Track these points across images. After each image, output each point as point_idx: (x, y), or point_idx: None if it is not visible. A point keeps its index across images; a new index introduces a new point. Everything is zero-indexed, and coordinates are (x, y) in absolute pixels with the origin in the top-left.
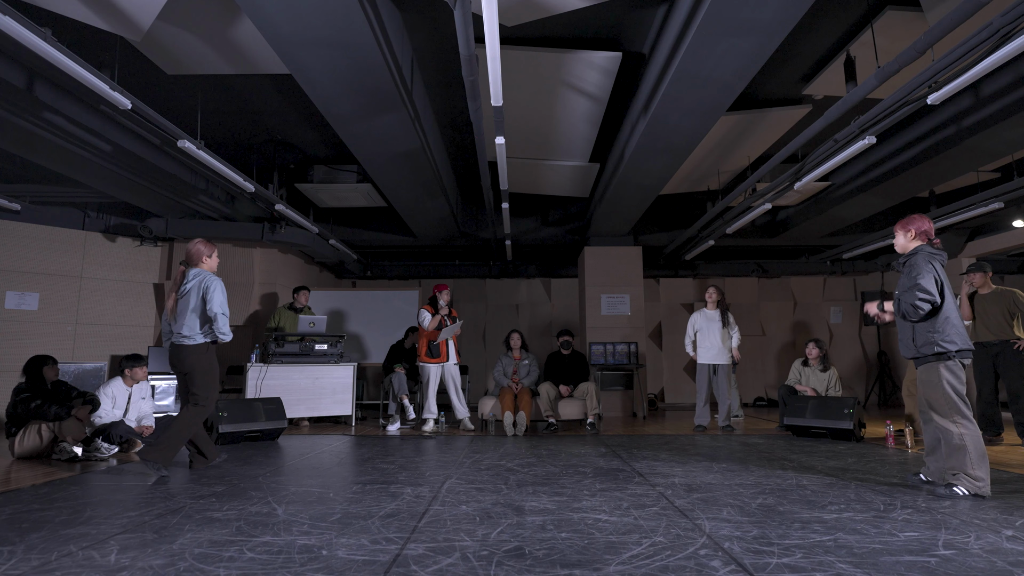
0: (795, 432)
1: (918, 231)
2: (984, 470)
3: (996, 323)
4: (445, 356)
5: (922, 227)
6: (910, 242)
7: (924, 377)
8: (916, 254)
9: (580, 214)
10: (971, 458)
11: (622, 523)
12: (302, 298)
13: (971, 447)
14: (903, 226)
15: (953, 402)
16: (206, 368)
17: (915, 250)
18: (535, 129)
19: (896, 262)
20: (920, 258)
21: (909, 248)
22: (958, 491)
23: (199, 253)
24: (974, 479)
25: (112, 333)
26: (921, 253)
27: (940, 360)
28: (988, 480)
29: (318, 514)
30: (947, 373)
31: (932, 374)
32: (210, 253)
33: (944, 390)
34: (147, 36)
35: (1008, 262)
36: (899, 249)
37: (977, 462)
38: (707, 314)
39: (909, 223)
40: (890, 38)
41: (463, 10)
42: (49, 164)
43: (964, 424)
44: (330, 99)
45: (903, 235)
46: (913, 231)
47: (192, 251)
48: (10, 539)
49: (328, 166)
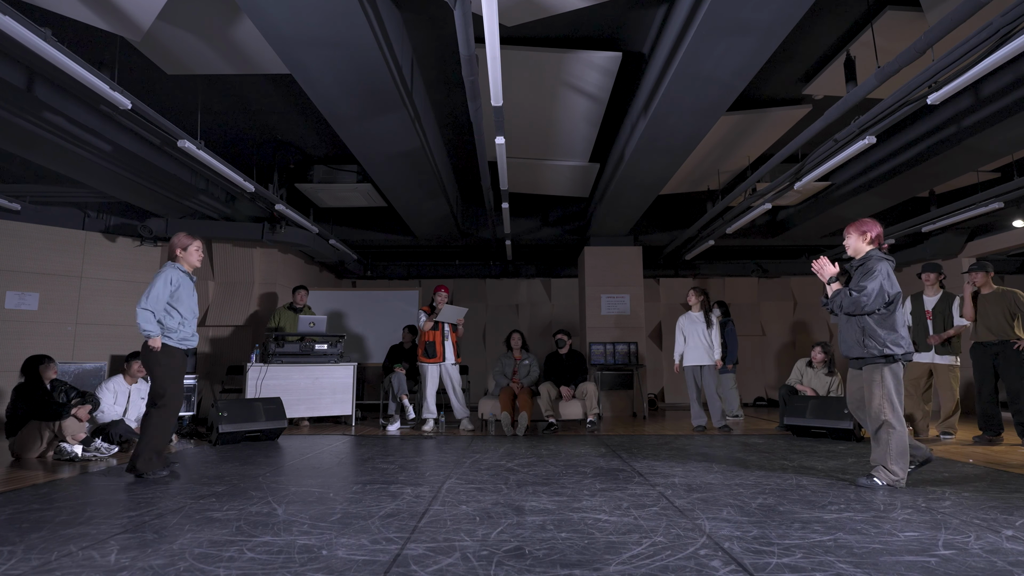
0: (795, 432)
1: (873, 236)
2: (902, 467)
3: (997, 323)
4: (441, 356)
5: (877, 232)
6: (865, 245)
7: (867, 376)
8: (871, 258)
9: (580, 214)
10: (891, 454)
11: (622, 523)
12: (300, 297)
13: (894, 445)
14: (859, 229)
15: (889, 403)
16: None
17: (869, 254)
18: (535, 129)
19: (849, 264)
20: (876, 264)
21: (862, 251)
22: (876, 482)
23: (171, 247)
24: (891, 472)
25: (112, 333)
26: (875, 258)
27: (887, 362)
28: (904, 476)
29: (318, 514)
30: (889, 375)
31: (875, 374)
32: (184, 246)
33: (885, 390)
34: (147, 36)
35: (1008, 262)
36: (851, 252)
37: (896, 458)
38: (691, 316)
39: (865, 227)
40: (890, 38)
41: (463, 10)
42: (49, 164)
43: (892, 424)
44: (330, 99)
45: (859, 238)
46: (869, 235)
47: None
48: (10, 539)
49: (328, 166)
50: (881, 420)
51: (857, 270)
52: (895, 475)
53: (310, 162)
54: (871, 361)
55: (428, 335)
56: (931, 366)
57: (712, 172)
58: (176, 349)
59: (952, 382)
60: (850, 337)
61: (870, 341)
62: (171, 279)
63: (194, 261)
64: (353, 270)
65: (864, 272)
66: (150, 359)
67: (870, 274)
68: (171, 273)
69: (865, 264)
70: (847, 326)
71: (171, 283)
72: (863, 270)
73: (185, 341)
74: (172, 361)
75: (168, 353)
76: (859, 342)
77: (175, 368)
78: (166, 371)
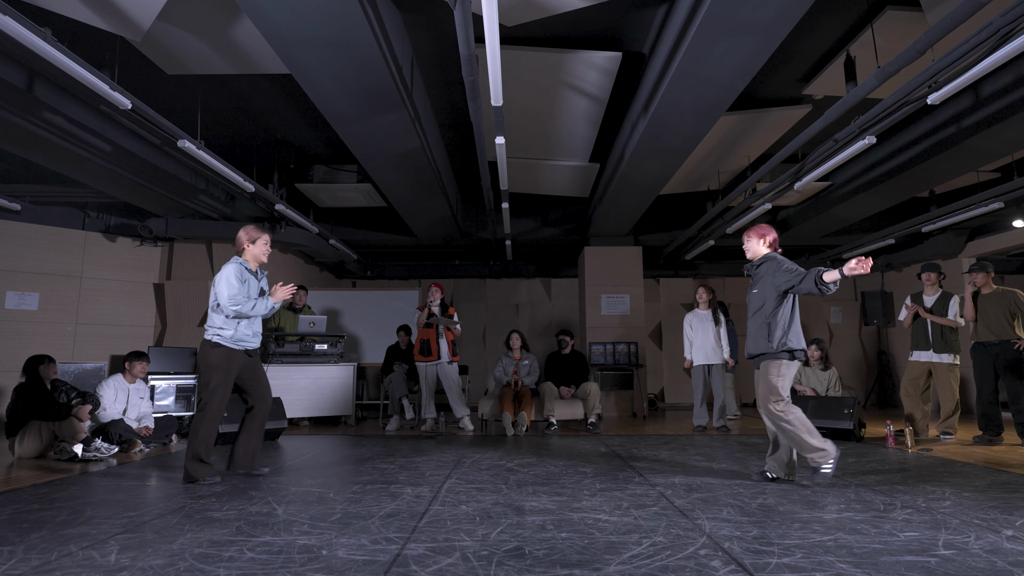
0: None
1: (771, 240)
2: (818, 439)
3: (997, 323)
4: (436, 354)
5: (774, 236)
6: (763, 248)
7: (765, 370)
8: (773, 260)
9: (580, 214)
10: (805, 435)
11: (622, 523)
12: (299, 298)
13: (799, 425)
14: (759, 234)
15: (776, 392)
16: (204, 368)
17: (767, 256)
18: (535, 129)
19: (747, 266)
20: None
21: (760, 254)
22: (825, 470)
23: (238, 241)
24: (818, 449)
25: (112, 333)
26: (777, 260)
27: (788, 358)
28: (826, 443)
29: (318, 514)
30: (786, 368)
31: (772, 367)
32: (253, 239)
33: (775, 384)
34: (147, 36)
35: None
36: (751, 255)
37: (810, 434)
38: (699, 314)
39: (765, 231)
40: (890, 38)
41: (463, 10)
42: (49, 164)
43: (789, 411)
44: (330, 99)
45: (759, 242)
46: (767, 239)
47: (236, 238)
48: (10, 539)
49: (328, 166)
50: (777, 412)
51: (757, 270)
52: (822, 448)
53: (310, 162)
54: (776, 356)
55: (423, 333)
56: (931, 365)
57: (712, 172)
58: (229, 350)
59: (952, 381)
60: (758, 335)
61: (777, 334)
62: (235, 275)
63: (261, 256)
64: (353, 270)
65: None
66: (203, 359)
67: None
68: (233, 269)
69: (771, 262)
70: (755, 322)
71: (236, 278)
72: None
73: (241, 342)
74: (222, 362)
75: (218, 353)
76: (765, 338)
77: (224, 370)
78: (212, 371)
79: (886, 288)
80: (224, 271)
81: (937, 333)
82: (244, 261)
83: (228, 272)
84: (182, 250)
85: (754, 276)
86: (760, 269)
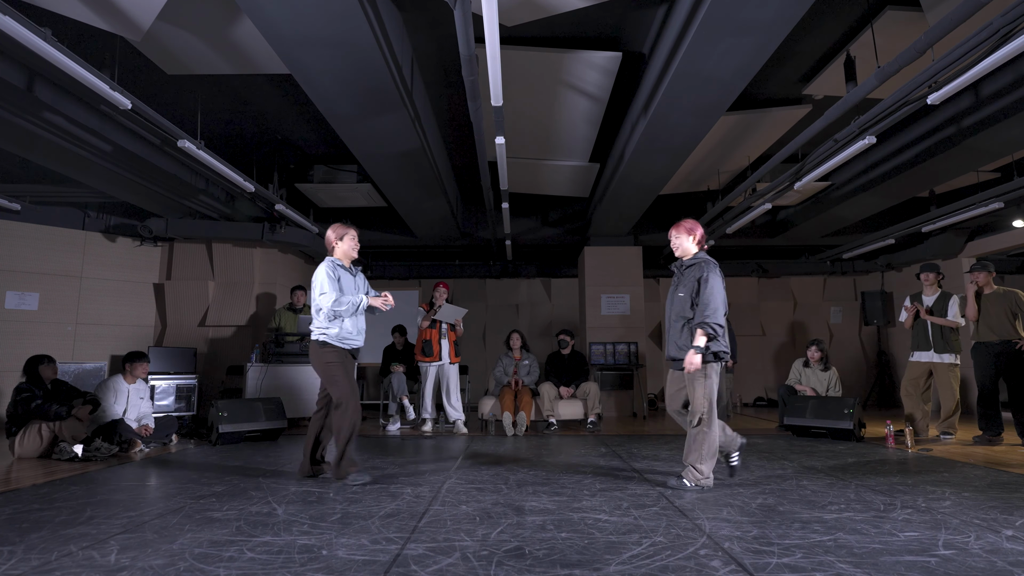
0: (795, 432)
1: (700, 236)
2: (709, 466)
3: (999, 323)
4: (438, 355)
5: (702, 232)
6: (693, 246)
7: (692, 376)
8: (706, 263)
9: (580, 214)
10: (703, 455)
11: (622, 523)
12: (299, 298)
13: (706, 447)
14: (688, 230)
15: (709, 401)
16: (322, 367)
17: (696, 257)
18: (535, 129)
19: (675, 265)
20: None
21: (691, 252)
22: (685, 483)
23: (327, 241)
24: (699, 472)
25: (112, 333)
26: (708, 263)
27: (715, 360)
28: (711, 476)
29: (318, 514)
30: (712, 373)
31: (699, 373)
32: (341, 236)
33: (708, 388)
34: (147, 36)
35: (1008, 262)
36: (680, 253)
37: (706, 458)
38: None
39: (693, 228)
40: (890, 38)
41: (463, 10)
42: (49, 164)
43: (708, 424)
44: (330, 99)
45: (688, 239)
46: (696, 235)
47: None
48: (10, 539)
49: (328, 166)
50: (700, 417)
51: (687, 271)
52: (703, 475)
53: (310, 162)
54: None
55: (425, 333)
56: (931, 366)
57: (712, 172)
58: (338, 348)
59: (952, 381)
60: (680, 339)
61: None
62: (326, 274)
63: (351, 251)
64: None
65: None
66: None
67: (706, 282)
68: (324, 268)
69: (696, 268)
70: (676, 329)
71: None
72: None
73: (347, 340)
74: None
75: (328, 351)
76: (688, 343)
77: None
78: (330, 367)
79: (886, 288)
80: (317, 272)
81: (937, 333)
82: (336, 260)
83: (319, 272)
84: (182, 250)
85: (680, 277)
86: (688, 272)
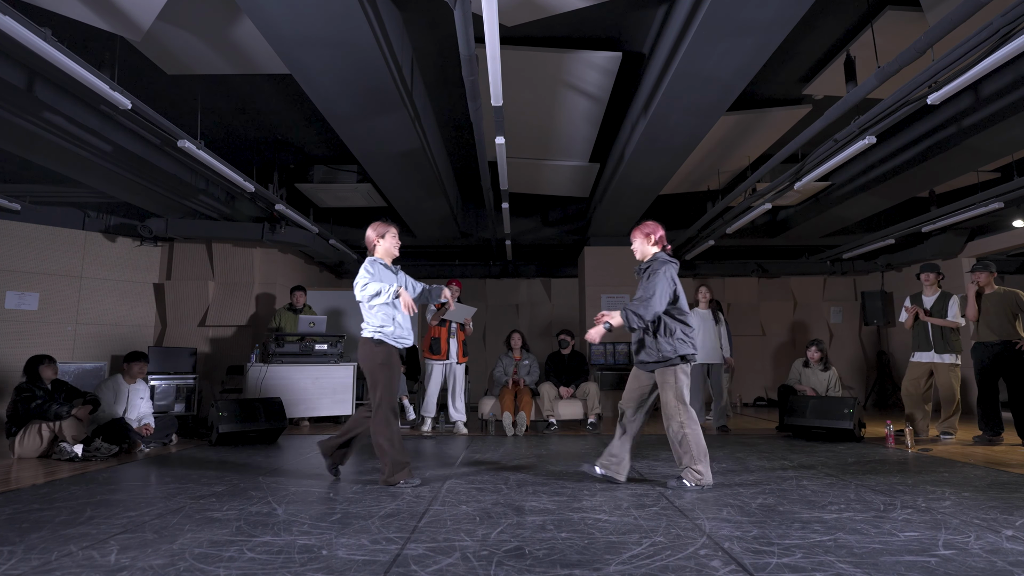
0: (795, 432)
1: (657, 238)
2: (704, 465)
3: (999, 323)
4: (446, 354)
5: (660, 234)
6: (650, 248)
7: (661, 379)
8: (656, 261)
9: (580, 214)
10: (694, 454)
11: (622, 523)
12: (298, 298)
13: (693, 445)
14: (643, 233)
15: (682, 403)
16: (370, 367)
17: (654, 257)
18: (535, 129)
19: (637, 268)
20: (660, 267)
21: (649, 254)
22: (685, 483)
23: (368, 240)
24: (697, 472)
25: (112, 333)
26: (659, 261)
27: (683, 363)
28: (709, 473)
29: (318, 514)
30: (682, 375)
31: (668, 376)
32: (381, 234)
33: (678, 391)
34: (147, 36)
35: (1008, 262)
36: (640, 256)
37: (699, 457)
38: (700, 313)
39: (649, 230)
40: (890, 38)
41: (463, 10)
42: (49, 164)
43: (689, 423)
44: (330, 99)
45: (644, 241)
46: (653, 237)
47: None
48: (10, 539)
49: (328, 166)
50: (679, 421)
51: (644, 273)
52: (701, 475)
53: (310, 162)
54: (668, 364)
55: (434, 331)
56: (932, 366)
57: (712, 172)
58: (391, 348)
59: (953, 381)
60: (648, 340)
61: (664, 342)
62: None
63: (392, 250)
64: (353, 270)
65: (648, 276)
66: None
67: (654, 275)
68: (366, 264)
69: (651, 267)
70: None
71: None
72: (650, 272)
73: (401, 340)
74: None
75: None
76: (654, 346)
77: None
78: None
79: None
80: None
81: (938, 334)
82: (377, 258)
83: (361, 269)
84: (182, 250)
85: (640, 279)
86: (645, 274)
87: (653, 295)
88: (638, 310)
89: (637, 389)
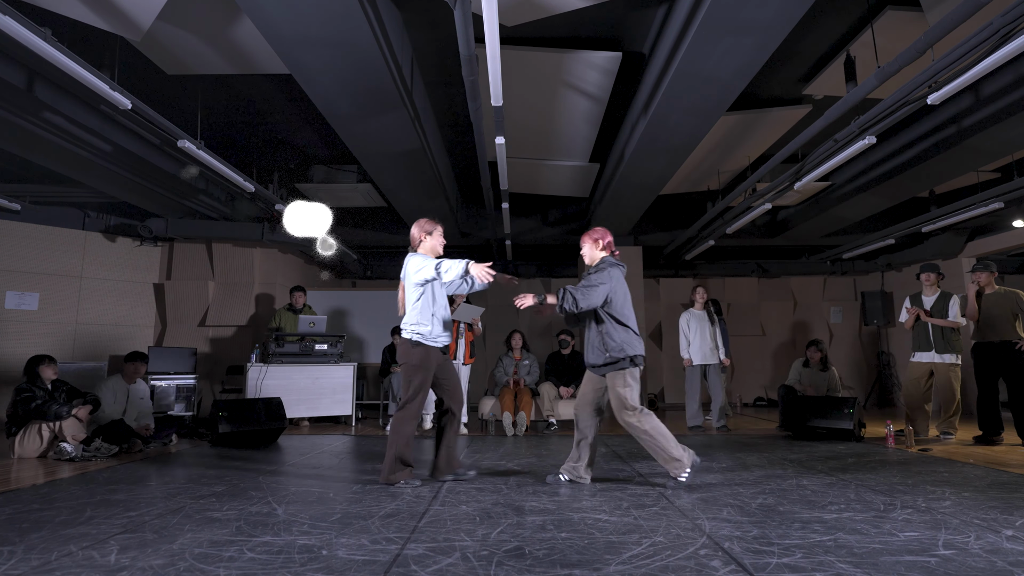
0: (795, 432)
1: (605, 243)
2: (676, 449)
3: (1000, 323)
4: (453, 354)
5: (608, 239)
6: (599, 252)
7: (611, 381)
8: (604, 262)
9: (580, 214)
10: (663, 445)
11: (622, 523)
12: (297, 299)
13: (658, 436)
14: (592, 238)
15: (633, 400)
16: (408, 368)
17: (603, 260)
18: (535, 129)
19: (585, 273)
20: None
21: (597, 258)
22: (682, 479)
23: (413, 239)
24: (676, 460)
25: (112, 333)
26: (607, 263)
27: (632, 364)
28: (685, 454)
29: (318, 514)
30: (630, 377)
31: (619, 378)
32: (428, 232)
33: (629, 390)
34: (147, 36)
35: (1008, 262)
36: (588, 260)
37: (671, 446)
38: (695, 314)
39: (597, 235)
40: (890, 38)
41: (463, 10)
42: (49, 164)
43: (646, 417)
44: (330, 99)
45: (592, 246)
46: (601, 243)
47: (410, 237)
48: (10, 539)
49: (328, 166)
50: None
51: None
52: (680, 460)
53: (310, 162)
54: (617, 365)
55: None
56: (932, 366)
57: (712, 172)
58: (428, 348)
59: (953, 381)
60: (595, 344)
61: (612, 344)
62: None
63: (438, 248)
64: (353, 270)
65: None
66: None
67: (600, 272)
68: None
69: (598, 269)
70: (591, 334)
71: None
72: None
73: (439, 339)
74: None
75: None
76: (601, 348)
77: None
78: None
79: (886, 288)
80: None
81: (938, 334)
82: (423, 255)
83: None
84: (182, 250)
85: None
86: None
87: (596, 286)
88: (576, 293)
89: (591, 392)
